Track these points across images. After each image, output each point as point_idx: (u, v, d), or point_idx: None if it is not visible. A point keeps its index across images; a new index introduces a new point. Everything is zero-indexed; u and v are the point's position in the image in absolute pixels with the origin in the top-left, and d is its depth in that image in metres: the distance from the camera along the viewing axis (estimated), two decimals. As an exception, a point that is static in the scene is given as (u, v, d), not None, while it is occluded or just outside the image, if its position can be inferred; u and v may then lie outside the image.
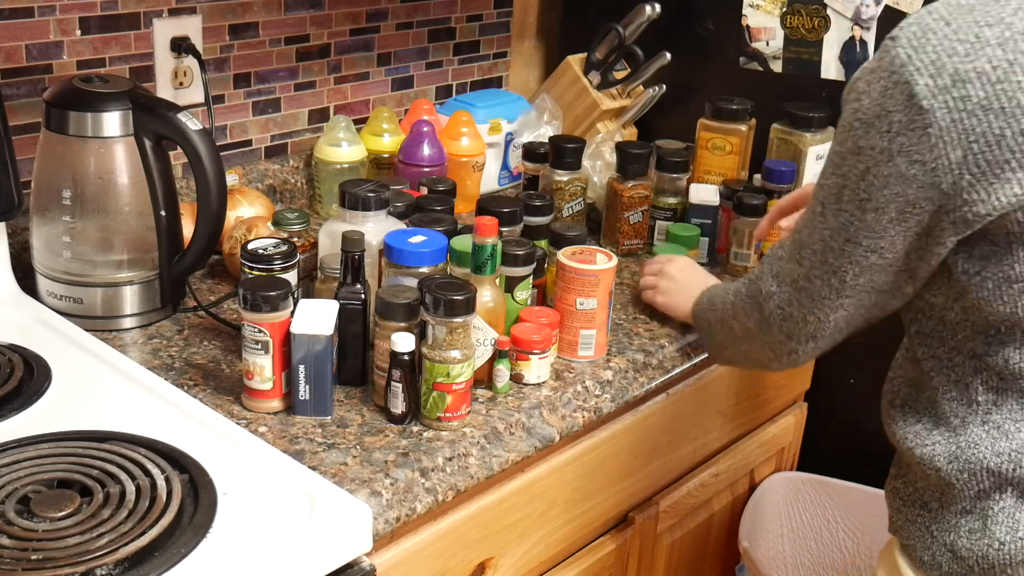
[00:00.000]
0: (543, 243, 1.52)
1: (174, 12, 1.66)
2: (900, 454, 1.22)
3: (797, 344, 1.22)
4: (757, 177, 1.82)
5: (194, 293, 1.48)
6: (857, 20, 1.83)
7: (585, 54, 2.06)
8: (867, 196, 1.07)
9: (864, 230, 1.09)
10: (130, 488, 1.05)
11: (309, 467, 1.15)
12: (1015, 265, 1.04)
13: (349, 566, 1.09)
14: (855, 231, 1.09)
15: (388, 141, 1.87)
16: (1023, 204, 1.00)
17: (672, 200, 1.79)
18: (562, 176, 1.75)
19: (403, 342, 1.22)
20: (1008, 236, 1.03)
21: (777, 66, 1.94)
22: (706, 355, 1.55)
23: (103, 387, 1.27)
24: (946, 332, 1.13)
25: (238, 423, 1.22)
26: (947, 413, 1.14)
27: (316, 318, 1.23)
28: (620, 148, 1.77)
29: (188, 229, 1.47)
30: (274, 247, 1.35)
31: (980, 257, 1.05)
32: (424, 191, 1.62)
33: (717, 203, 1.75)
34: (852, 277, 1.12)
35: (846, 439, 1.37)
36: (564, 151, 1.75)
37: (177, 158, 1.52)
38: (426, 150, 1.81)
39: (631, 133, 2.11)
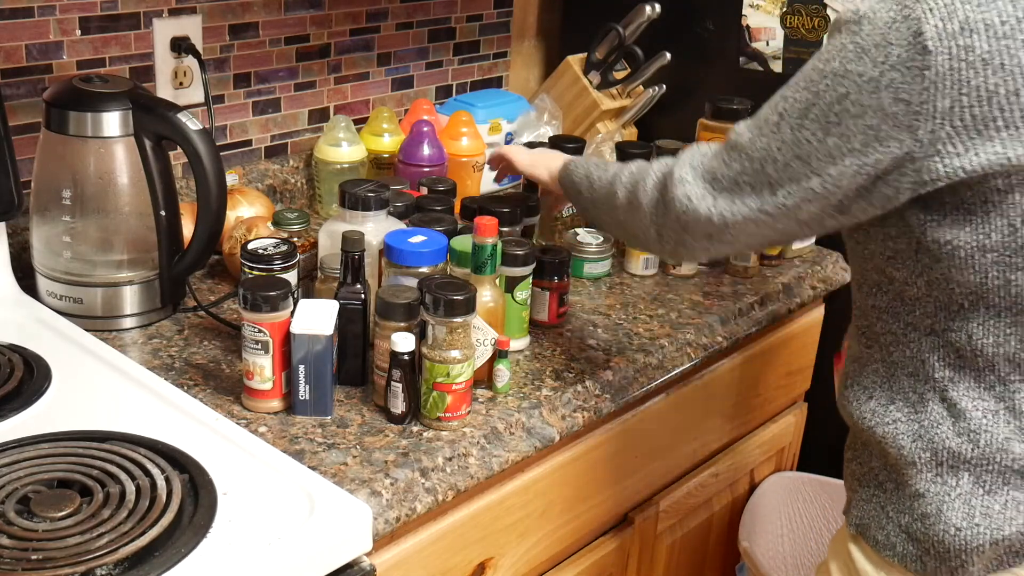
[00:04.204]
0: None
1: (174, 12, 1.66)
2: (856, 434, 1.22)
3: (691, 237, 1.17)
4: (757, 177, 1.82)
5: (194, 293, 1.48)
6: (857, 20, 1.82)
7: (585, 54, 2.06)
8: (836, 120, 1.04)
9: (819, 152, 1.06)
10: (130, 488, 1.05)
11: (309, 467, 1.15)
12: (991, 234, 1.03)
13: (349, 566, 1.09)
14: (809, 150, 1.06)
15: (388, 141, 1.87)
16: (1003, 165, 0.99)
17: (672, 200, 1.78)
18: (562, 176, 1.75)
19: (403, 342, 1.22)
20: (986, 204, 1.02)
21: (777, 66, 1.94)
22: (706, 355, 1.56)
23: (103, 387, 1.26)
24: (903, 308, 1.12)
25: (238, 423, 1.22)
26: (905, 388, 1.14)
27: (316, 318, 1.23)
28: (620, 148, 1.77)
29: (188, 229, 1.47)
30: (274, 247, 1.35)
31: (952, 225, 1.04)
32: (424, 191, 1.62)
33: (717, 203, 1.75)
34: (784, 195, 1.09)
35: (846, 439, 1.37)
36: (564, 151, 1.75)
37: (177, 158, 1.52)
38: (426, 150, 1.81)
39: (631, 133, 2.11)
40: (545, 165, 1.48)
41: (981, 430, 1.10)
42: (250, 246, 1.35)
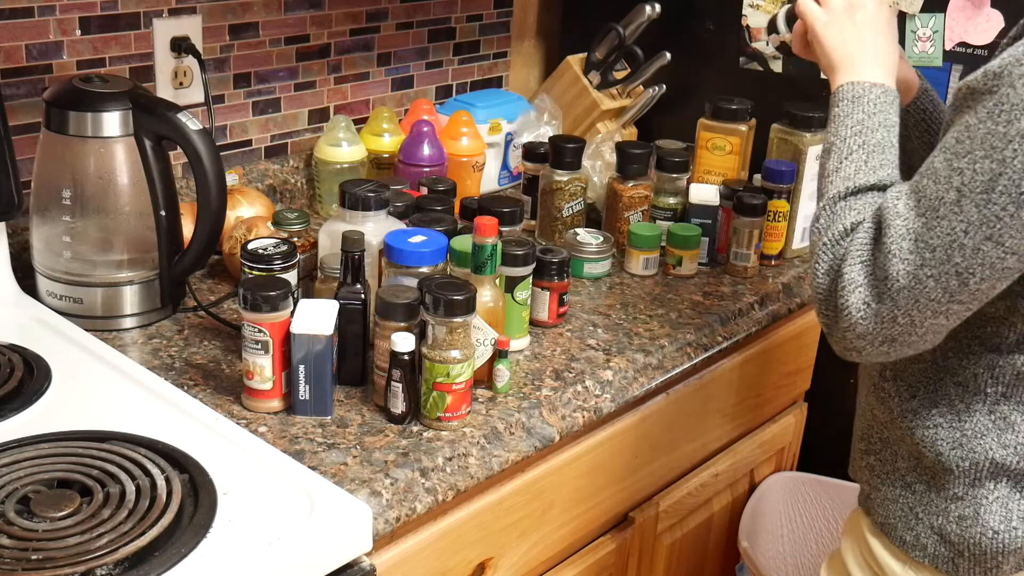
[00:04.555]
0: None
1: (174, 12, 1.66)
2: (879, 428, 1.20)
3: (867, 344, 1.05)
4: (757, 177, 1.82)
5: (194, 293, 1.48)
6: (857, 20, 1.82)
7: (585, 54, 2.06)
8: None
9: (1012, 228, 0.95)
10: (130, 488, 1.05)
11: (309, 467, 1.15)
12: None
13: (349, 566, 1.09)
14: (1001, 228, 0.95)
15: (388, 141, 1.87)
16: None
17: (672, 200, 1.79)
18: (562, 176, 1.75)
19: (403, 342, 1.22)
20: None
21: (777, 66, 1.94)
22: (706, 355, 1.55)
23: (103, 387, 1.26)
24: (976, 320, 1.08)
25: (238, 423, 1.22)
26: (951, 395, 1.12)
27: (316, 318, 1.23)
28: (620, 148, 1.78)
29: (188, 229, 1.47)
30: (274, 247, 1.35)
31: None
32: (424, 191, 1.62)
33: (717, 203, 1.75)
34: (976, 281, 0.98)
35: (846, 439, 1.37)
36: (564, 151, 1.75)
37: (177, 158, 1.52)
38: (426, 150, 1.81)
39: (631, 133, 2.11)
40: (839, 52, 1.20)
41: None
42: (250, 246, 1.35)
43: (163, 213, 1.42)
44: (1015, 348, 1.08)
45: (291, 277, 1.34)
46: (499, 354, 1.32)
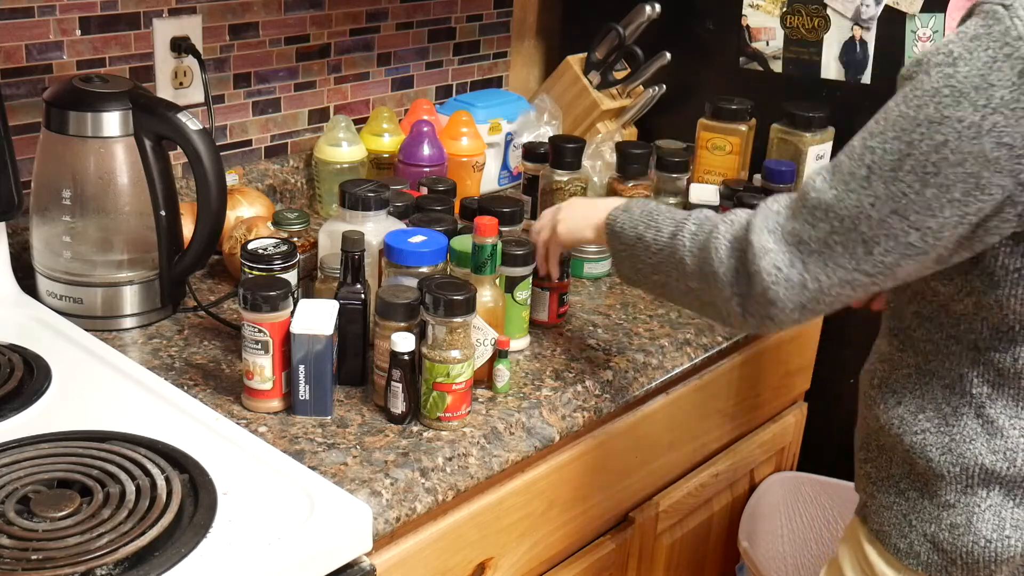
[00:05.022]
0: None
1: (174, 12, 1.66)
2: (875, 436, 1.20)
3: (780, 310, 1.08)
4: (757, 177, 1.82)
5: (194, 293, 1.48)
6: (857, 20, 1.83)
7: (585, 54, 2.06)
8: (935, 170, 0.98)
9: (917, 205, 0.99)
10: (130, 488, 1.05)
11: (309, 467, 1.15)
12: None
13: (349, 566, 1.09)
14: (906, 204, 1.00)
15: (388, 141, 1.87)
16: None
17: (672, 200, 1.79)
18: (562, 176, 1.75)
19: (403, 342, 1.22)
20: None
21: (777, 66, 1.94)
22: (706, 355, 1.55)
23: (103, 387, 1.26)
24: (947, 319, 1.10)
25: (238, 423, 1.22)
26: (938, 399, 1.12)
27: (316, 318, 1.23)
28: (620, 148, 1.78)
29: (188, 229, 1.47)
30: (274, 247, 1.35)
31: None
32: (424, 191, 1.62)
33: (717, 203, 1.75)
34: (881, 252, 1.02)
35: (846, 439, 1.37)
36: (564, 151, 1.75)
37: (177, 158, 1.52)
38: (426, 150, 1.81)
39: (631, 133, 2.11)
40: (586, 225, 1.33)
41: (1019, 449, 1.08)
42: (250, 246, 1.35)
43: (163, 213, 1.42)
44: (991, 344, 1.08)
45: (291, 277, 1.34)
46: (499, 354, 1.32)
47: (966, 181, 0.97)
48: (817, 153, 1.79)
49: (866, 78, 1.84)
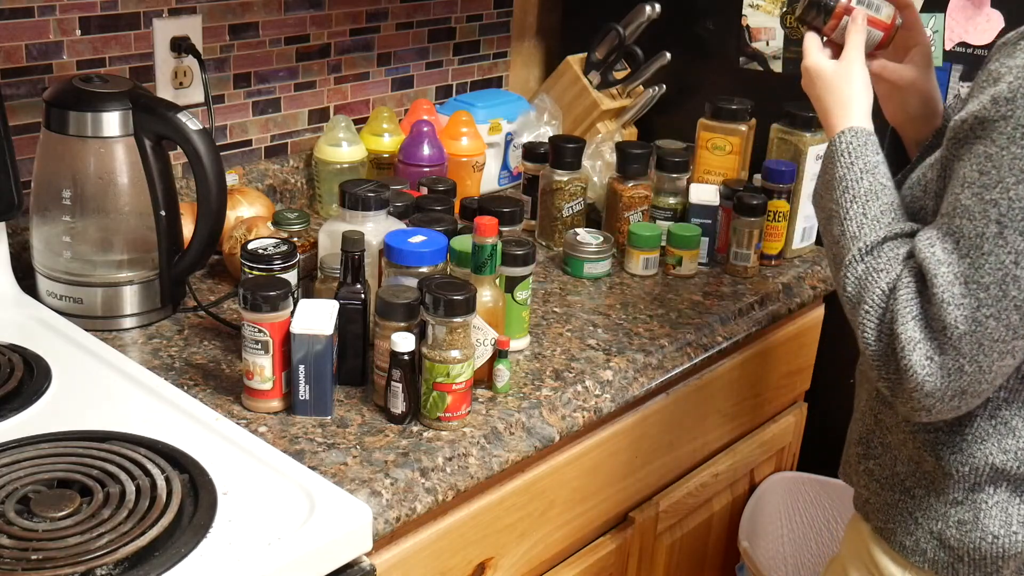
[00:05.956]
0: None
1: (174, 12, 1.66)
2: (880, 433, 1.20)
3: (937, 401, 1.02)
4: (757, 177, 1.82)
5: (194, 293, 1.48)
6: (857, 20, 1.82)
7: (585, 54, 2.06)
8: None
9: None
10: (130, 488, 1.05)
11: (309, 467, 1.15)
12: None
13: (349, 566, 1.09)
14: None
15: (388, 141, 1.87)
16: None
17: (672, 200, 1.79)
18: (562, 176, 1.76)
19: (403, 342, 1.22)
20: None
21: (777, 66, 1.94)
22: (706, 355, 1.55)
23: (103, 387, 1.26)
24: None
25: (238, 423, 1.22)
26: None
27: (316, 318, 1.23)
28: (620, 148, 1.77)
29: (188, 229, 1.47)
30: (274, 247, 1.35)
31: None
32: (424, 191, 1.62)
33: (717, 203, 1.75)
34: None
35: (855, 431, 1.38)
36: (564, 151, 1.75)
37: (177, 158, 1.52)
38: (426, 150, 1.81)
39: (631, 133, 2.11)
40: (832, 113, 1.21)
41: None
42: (250, 246, 1.35)
43: (163, 213, 1.42)
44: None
45: (291, 277, 1.34)
46: (499, 354, 1.32)
47: None
48: (817, 153, 1.79)
49: (866, 78, 1.83)
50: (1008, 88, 0.97)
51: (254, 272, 1.33)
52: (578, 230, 1.72)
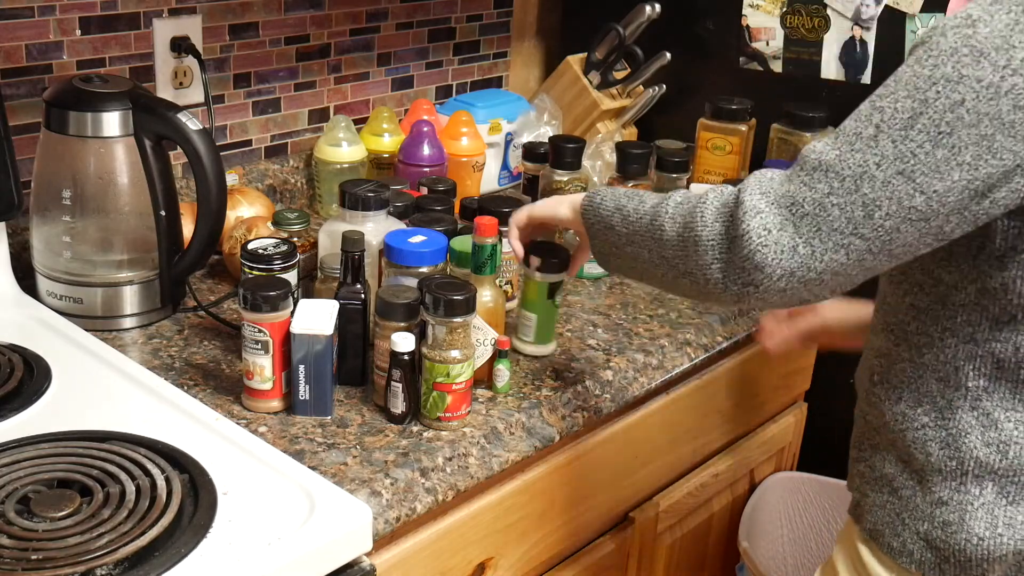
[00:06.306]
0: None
1: (174, 12, 1.66)
2: (870, 434, 1.20)
3: (767, 276, 1.02)
4: (757, 177, 1.82)
5: (194, 293, 1.48)
6: (857, 20, 1.83)
7: (585, 54, 2.06)
8: (948, 130, 0.95)
9: (926, 166, 0.96)
10: (130, 488, 1.05)
11: (309, 467, 1.15)
12: None
13: (349, 566, 1.09)
14: (914, 165, 0.96)
15: (388, 141, 1.87)
16: None
17: (672, 200, 1.78)
18: (562, 176, 1.75)
19: (403, 342, 1.22)
20: None
21: (777, 66, 1.94)
22: (706, 355, 1.55)
23: (103, 387, 1.26)
24: (944, 311, 1.09)
25: (238, 423, 1.22)
26: (933, 393, 1.12)
27: (316, 318, 1.23)
28: (620, 148, 1.78)
29: (188, 229, 1.47)
30: (274, 247, 1.35)
31: None
32: (424, 191, 1.62)
33: (717, 203, 1.75)
34: (882, 216, 0.98)
35: (846, 439, 1.37)
36: (564, 151, 1.75)
37: (177, 158, 1.52)
38: (426, 150, 1.81)
39: (631, 133, 2.11)
40: (563, 201, 1.29)
41: (1012, 441, 1.08)
42: (250, 246, 1.35)
43: (163, 213, 1.42)
44: (990, 335, 1.07)
45: (291, 277, 1.34)
46: (499, 354, 1.32)
47: (979, 143, 0.95)
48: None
49: (866, 78, 1.84)
50: (937, 19, 0.99)
51: (254, 272, 1.33)
52: (578, 230, 1.72)
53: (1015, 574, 1.12)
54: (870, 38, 1.82)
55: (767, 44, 1.94)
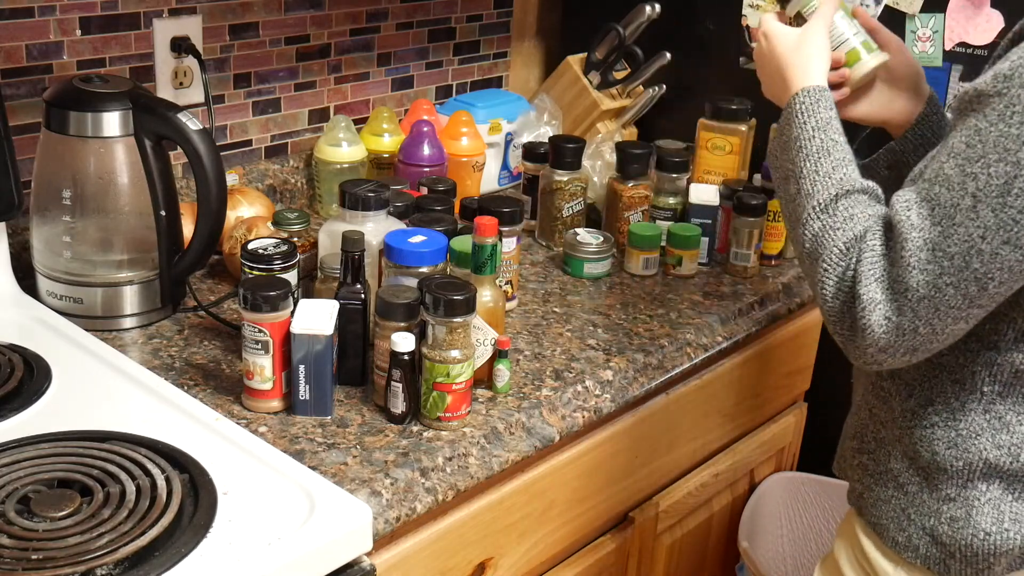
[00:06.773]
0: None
1: (174, 12, 1.66)
2: (876, 428, 1.20)
3: (888, 356, 1.05)
4: (757, 177, 1.82)
5: (194, 293, 1.48)
6: (857, 20, 1.82)
7: (585, 54, 2.06)
8: None
9: None
10: (130, 488, 1.05)
11: (309, 467, 1.15)
12: None
13: (349, 566, 1.09)
14: (1018, 231, 0.96)
15: (388, 141, 1.87)
16: None
17: (672, 200, 1.79)
18: (562, 176, 1.76)
19: (403, 342, 1.22)
20: None
21: (777, 66, 1.93)
22: (706, 355, 1.55)
23: (103, 387, 1.26)
24: None
25: (238, 423, 1.22)
26: (946, 393, 1.12)
27: (316, 318, 1.23)
28: (620, 148, 1.78)
29: (188, 229, 1.47)
30: (274, 247, 1.35)
31: None
32: (424, 191, 1.62)
33: (717, 203, 1.75)
34: (995, 285, 0.98)
35: (851, 425, 1.39)
36: (564, 151, 1.75)
37: (177, 158, 1.52)
38: (426, 150, 1.81)
39: (631, 133, 2.11)
40: (776, 84, 1.28)
41: (1023, 445, 1.09)
42: (250, 246, 1.35)
43: (163, 213, 1.42)
44: (1013, 346, 1.08)
45: (291, 277, 1.34)
46: (499, 354, 1.32)
47: None
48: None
49: (866, 78, 1.83)
50: (1010, 66, 0.98)
51: (254, 272, 1.33)
52: (578, 230, 1.72)
53: (1020, 568, 1.12)
54: (870, 38, 1.82)
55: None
